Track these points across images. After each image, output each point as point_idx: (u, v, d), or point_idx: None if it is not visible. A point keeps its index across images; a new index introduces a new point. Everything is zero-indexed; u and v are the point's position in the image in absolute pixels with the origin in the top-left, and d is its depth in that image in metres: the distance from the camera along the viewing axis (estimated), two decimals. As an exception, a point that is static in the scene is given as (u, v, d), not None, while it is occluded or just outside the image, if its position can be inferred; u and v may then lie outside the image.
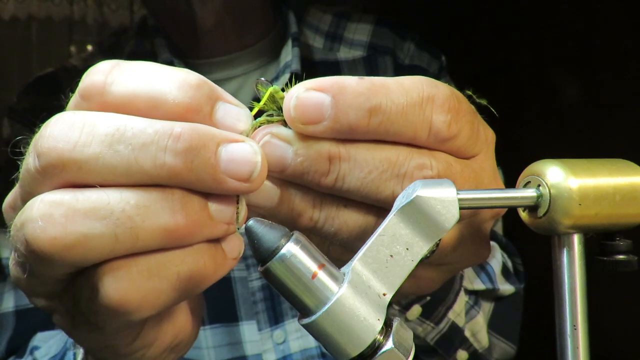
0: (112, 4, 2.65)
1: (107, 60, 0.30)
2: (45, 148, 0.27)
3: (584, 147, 1.62)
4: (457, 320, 0.63)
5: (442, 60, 0.85)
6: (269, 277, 0.27)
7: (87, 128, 0.27)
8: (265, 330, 0.73)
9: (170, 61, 0.74)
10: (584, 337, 0.31)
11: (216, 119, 0.29)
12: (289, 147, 0.30)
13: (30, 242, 0.26)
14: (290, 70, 0.74)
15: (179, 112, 0.28)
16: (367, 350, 0.26)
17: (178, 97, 0.28)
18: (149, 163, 0.26)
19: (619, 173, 0.32)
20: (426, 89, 0.31)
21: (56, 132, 0.27)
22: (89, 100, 0.29)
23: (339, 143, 0.30)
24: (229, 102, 0.30)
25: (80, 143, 0.27)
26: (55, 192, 0.27)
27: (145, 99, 0.28)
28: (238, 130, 0.30)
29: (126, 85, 0.28)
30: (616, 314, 1.39)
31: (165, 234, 0.27)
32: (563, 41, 1.75)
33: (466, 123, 0.32)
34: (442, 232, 0.29)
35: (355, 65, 0.82)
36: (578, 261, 0.31)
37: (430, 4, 2.01)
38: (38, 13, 2.57)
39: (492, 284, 0.70)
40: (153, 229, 0.27)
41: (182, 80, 0.29)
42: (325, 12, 0.86)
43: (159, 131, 0.27)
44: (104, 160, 0.26)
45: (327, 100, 0.29)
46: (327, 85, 0.30)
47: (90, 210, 0.26)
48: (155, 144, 0.27)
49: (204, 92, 0.29)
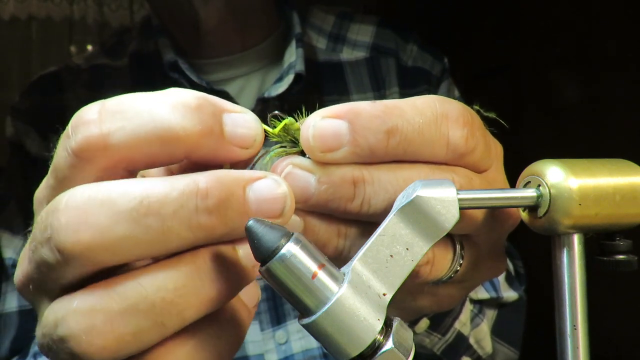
0: (112, 4, 2.65)
1: (88, 106, 0.27)
2: (68, 243, 0.24)
3: (584, 147, 1.62)
4: (462, 330, 0.64)
5: (445, 62, 0.85)
6: (269, 277, 0.27)
7: (107, 207, 0.24)
8: (268, 330, 0.73)
9: (175, 61, 0.74)
10: (584, 337, 0.31)
11: (227, 134, 0.28)
12: (311, 176, 0.30)
13: (80, 356, 0.25)
14: (295, 71, 0.74)
15: (193, 142, 0.26)
16: (367, 350, 0.26)
17: (188, 126, 0.26)
18: (184, 229, 0.25)
19: (619, 173, 0.32)
20: (439, 106, 0.31)
21: (74, 220, 0.24)
22: (91, 162, 0.26)
23: (361, 166, 0.30)
24: (232, 111, 0.29)
25: (105, 227, 0.24)
26: (86, 295, 0.25)
27: (154, 139, 0.26)
28: (251, 138, 0.29)
29: (126, 130, 0.26)
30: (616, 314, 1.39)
31: (211, 304, 0.27)
32: (563, 41, 1.75)
33: (480, 137, 0.33)
34: (442, 232, 0.29)
35: (358, 66, 0.82)
36: (578, 261, 0.31)
37: (431, 4, 2.01)
38: (38, 13, 2.57)
39: (496, 293, 0.71)
40: (198, 304, 0.26)
41: (183, 106, 0.27)
42: (327, 13, 0.86)
43: (185, 192, 0.25)
44: (136, 238, 0.24)
45: (344, 127, 0.29)
46: (342, 112, 0.29)
47: (130, 309, 0.25)
48: (185, 208, 0.25)
49: (208, 111, 0.27)
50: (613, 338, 1.41)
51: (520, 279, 0.77)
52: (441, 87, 0.83)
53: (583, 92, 1.68)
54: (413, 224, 0.29)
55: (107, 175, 0.27)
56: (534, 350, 0.84)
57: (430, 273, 0.33)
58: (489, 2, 1.96)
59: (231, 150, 0.28)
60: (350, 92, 0.80)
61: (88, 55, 0.86)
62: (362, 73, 0.81)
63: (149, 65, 0.79)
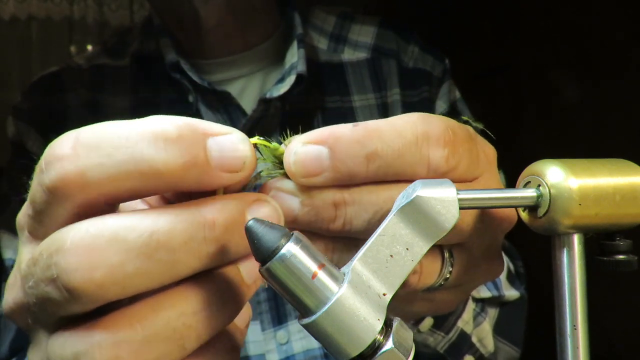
0: (112, 4, 2.65)
1: (60, 139, 0.26)
2: (78, 283, 0.24)
3: (584, 147, 1.62)
4: (465, 328, 0.64)
5: (446, 63, 0.85)
6: (269, 277, 0.27)
7: (117, 245, 0.24)
8: (269, 330, 0.73)
9: (176, 61, 0.74)
10: (584, 337, 0.31)
11: (213, 162, 0.26)
12: (295, 199, 0.31)
13: None
14: (296, 71, 0.73)
15: (177, 175, 0.25)
16: (367, 350, 0.26)
17: (169, 160, 0.25)
18: (194, 259, 0.25)
19: (619, 173, 0.32)
20: (420, 126, 0.31)
21: (84, 260, 0.24)
22: (68, 199, 0.25)
23: (342, 189, 0.31)
24: (217, 133, 0.27)
25: (117, 265, 0.24)
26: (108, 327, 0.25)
27: (135, 175, 0.25)
28: (240, 161, 0.27)
29: (104, 167, 0.25)
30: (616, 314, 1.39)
31: (222, 323, 0.28)
32: (563, 41, 1.75)
33: (464, 152, 0.33)
34: (442, 232, 0.29)
35: (360, 67, 0.82)
36: (578, 261, 0.31)
37: (431, 4, 2.01)
38: (38, 13, 2.57)
39: (498, 291, 0.71)
40: (213, 325, 0.27)
41: (163, 138, 0.25)
42: (328, 14, 0.86)
43: (193, 223, 0.25)
44: (148, 272, 0.24)
45: (324, 153, 0.30)
46: (322, 138, 0.30)
47: (153, 337, 0.25)
48: (194, 240, 0.25)
49: (191, 140, 0.26)
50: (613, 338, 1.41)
51: (520, 278, 0.77)
52: (442, 88, 0.83)
53: (583, 92, 1.68)
54: (413, 224, 0.29)
55: (86, 210, 0.26)
56: (534, 350, 0.84)
57: (418, 282, 0.34)
58: (489, 2, 1.96)
59: (220, 176, 0.27)
60: (351, 93, 0.80)
61: (89, 55, 0.86)
62: (364, 74, 0.81)
63: (150, 65, 0.79)
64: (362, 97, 0.80)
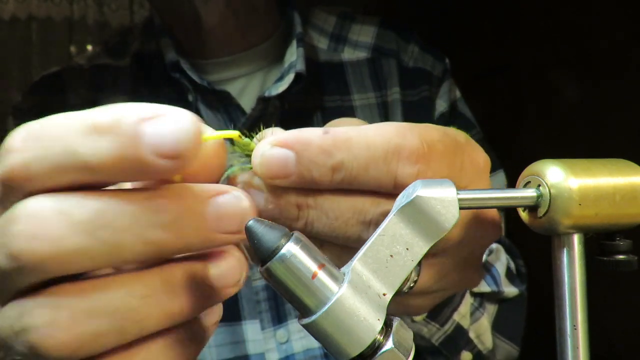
0: (112, 4, 2.65)
1: (17, 131, 0.26)
2: (22, 251, 0.24)
3: (584, 147, 1.62)
4: (462, 322, 0.64)
5: (446, 62, 0.85)
6: (269, 277, 0.27)
7: (62, 218, 0.24)
8: (268, 329, 0.73)
9: (177, 61, 0.74)
10: (584, 337, 0.31)
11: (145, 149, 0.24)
12: (261, 194, 0.31)
13: (37, 347, 0.25)
14: (295, 70, 0.74)
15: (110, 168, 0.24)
16: (367, 350, 0.26)
17: (97, 153, 0.24)
18: (138, 243, 0.25)
19: (619, 173, 0.32)
20: (393, 140, 0.31)
21: (29, 229, 0.24)
22: (18, 189, 0.25)
23: (307, 193, 0.31)
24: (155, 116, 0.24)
25: (59, 238, 0.24)
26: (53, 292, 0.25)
27: (69, 168, 0.24)
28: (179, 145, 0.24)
29: (43, 160, 0.25)
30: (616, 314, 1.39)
31: (172, 318, 0.27)
32: (563, 41, 1.75)
33: (442, 166, 0.32)
34: (442, 232, 0.29)
35: (360, 67, 0.82)
36: (578, 261, 0.31)
37: (431, 4, 2.01)
38: (38, 13, 2.56)
39: (497, 287, 0.70)
40: (159, 316, 0.26)
41: (94, 129, 0.24)
42: (329, 14, 0.87)
43: (140, 206, 0.25)
44: (90, 250, 0.24)
45: (291, 158, 0.30)
46: (290, 142, 0.30)
47: (95, 310, 0.25)
48: (139, 223, 0.25)
49: (121, 130, 0.24)
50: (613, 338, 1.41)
51: (521, 277, 0.77)
52: (442, 88, 0.83)
53: (583, 92, 1.68)
54: (413, 224, 0.29)
55: None
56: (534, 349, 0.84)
57: None
58: (489, 2, 1.96)
59: (159, 164, 0.24)
60: (351, 92, 0.80)
61: (90, 55, 0.86)
62: (364, 73, 0.81)
63: (151, 65, 0.79)
64: (362, 97, 0.80)
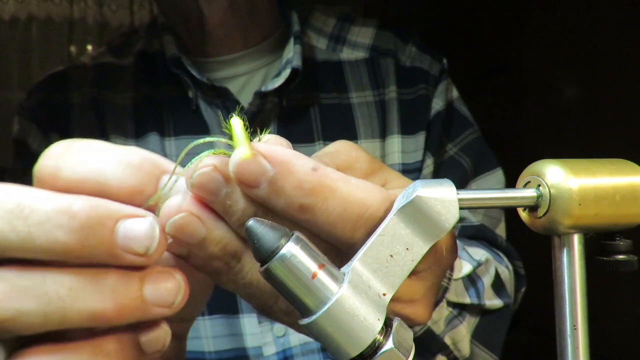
0: (112, 4, 2.65)
1: (61, 142, 0.29)
2: None
3: (584, 147, 1.62)
4: (434, 327, 0.63)
5: (444, 62, 0.85)
6: (269, 277, 0.27)
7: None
8: (266, 323, 0.73)
9: (178, 57, 0.75)
10: (584, 337, 0.31)
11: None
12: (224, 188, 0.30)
13: None
14: (291, 66, 0.74)
15: (126, 195, 0.28)
16: (367, 350, 0.26)
17: (123, 181, 0.29)
18: (43, 239, 0.26)
19: (619, 173, 0.32)
20: (371, 209, 0.30)
21: None
22: (42, 185, 0.29)
23: None
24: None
25: None
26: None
27: (93, 183, 0.28)
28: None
29: (74, 170, 0.28)
30: (616, 314, 1.39)
31: (92, 317, 0.27)
32: (563, 41, 1.75)
33: None
34: (442, 232, 0.29)
35: (358, 66, 0.82)
36: (578, 261, 0.31)
37: (431, 4, 2.01)
38: (38, 13, 2.57)
39: (478, 299, 0.70)
40: (80, 311, 0.27)
41: (126, 163, 0.29)
42: (329, 16, 0.87)
43: (56, 208, 0.26)
44: (8, 238, 0.26)
45: (268, 174, 0.29)
46: (276, 159, 0.29)
47: (24, 289, 0.26)
48: (51, 222, 0.26)
49: (145, 172, 0.29)
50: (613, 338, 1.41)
51: (520, 280, 0.77)
52: (439, 87, 0.83)
53: (583, 92, 1.68)
54: (413, 224, 0.29)
55: None
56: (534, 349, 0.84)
57: None
58: (489, 2, 1.96)
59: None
60: (349, 90, 0.81)
61: (95, 54, 0.87)
62: (362, 72, 0.82)
63: (153, 63, 0.80)
64: (360, 94, 0.81)
